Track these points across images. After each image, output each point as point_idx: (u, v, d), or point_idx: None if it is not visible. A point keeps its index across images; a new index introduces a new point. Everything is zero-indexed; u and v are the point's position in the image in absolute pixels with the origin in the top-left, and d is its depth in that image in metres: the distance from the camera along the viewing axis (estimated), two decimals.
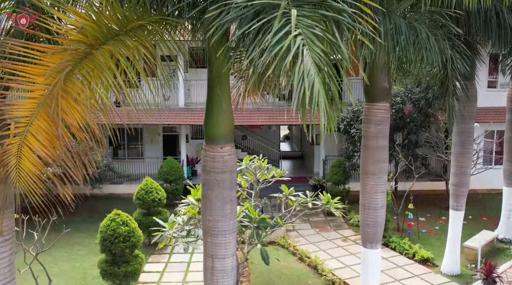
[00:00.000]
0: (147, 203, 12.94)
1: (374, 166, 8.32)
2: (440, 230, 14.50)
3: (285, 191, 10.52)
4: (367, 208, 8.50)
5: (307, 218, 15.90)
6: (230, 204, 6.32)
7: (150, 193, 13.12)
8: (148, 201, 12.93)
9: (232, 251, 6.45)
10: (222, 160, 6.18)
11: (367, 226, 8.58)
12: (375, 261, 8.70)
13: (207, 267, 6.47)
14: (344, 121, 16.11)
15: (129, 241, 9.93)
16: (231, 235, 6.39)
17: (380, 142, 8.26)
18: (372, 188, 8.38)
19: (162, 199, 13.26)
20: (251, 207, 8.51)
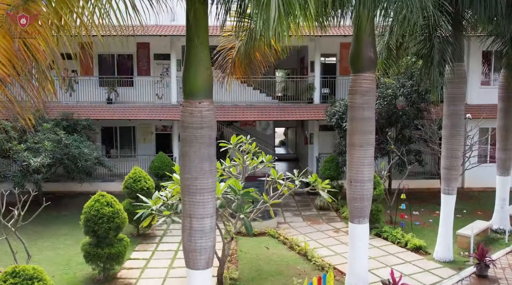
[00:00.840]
0: (135, 192, 12.74)
1: (360, 137, 8.19)
2: (434, 222, 14.26)
3: (273, 175, 10.35)
4: (354, 181, 8.33)
5: (299, 212, 15.69)
6: (209, 162, 6.18)
7: (138, 182, 12.95)
8: (136, 190, 12.74)
9: (211, 212, 6.28)
10: (200, 116, 6.07)
11: (354, 200, 8.40)
12: (362, 236, 8.49)
13: (185, 227, 6.29)
14: (336, 115, 16.01)
15: (113, 222, 9.72)
16: (210, 194, 6.23)
17: (366, 113, 8.14)
18: (359, 160, 8.23)
19: (150, 188, 13.07)
20: (236, 181, 8.35)
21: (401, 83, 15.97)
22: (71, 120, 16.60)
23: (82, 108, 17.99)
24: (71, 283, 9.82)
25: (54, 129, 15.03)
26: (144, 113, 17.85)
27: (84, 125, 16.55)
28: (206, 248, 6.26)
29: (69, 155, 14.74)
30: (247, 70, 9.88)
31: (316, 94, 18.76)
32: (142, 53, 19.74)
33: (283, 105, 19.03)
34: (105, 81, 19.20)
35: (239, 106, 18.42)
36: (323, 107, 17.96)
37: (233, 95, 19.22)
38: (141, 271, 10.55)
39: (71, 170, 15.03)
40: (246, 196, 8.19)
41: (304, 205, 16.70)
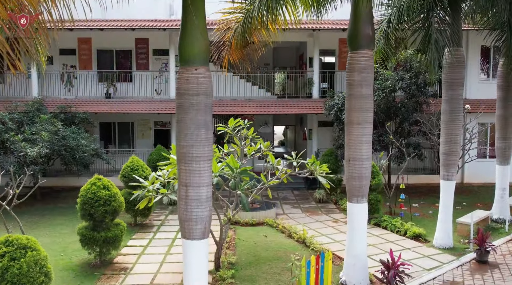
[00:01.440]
0: (132, 181, 12.63)
1: (358, 115, 8.14)
2: (434, 214, 14.16)
3: (271, 161, 10.28)
4: (352, 159, 8.26)
5: (298, 205, 15.59)
6: (205, 129, 6.12)
7: (135, 171, 12.87)
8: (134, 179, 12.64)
9: (207, 181, 6.21)
10: (197, 82, 6.02)
11: (353, 179, 8.32)
12: (360, 215, 8.41)
13: (181, 197, 6.21)
14: (335, 107, 15.98)
15: (109, 205, 9.63)
16: (206, 162, 6.16)
17: (364, 91, 8.10)
18: (357, 138, 8.17)
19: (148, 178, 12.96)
20: (233, 159, 8.28)
21: (399, 76, 15.95)
22: (69, 113, 16.55)
23: (80, 102, 17.96)
24: (67, 268, 9.70)
25: (52, 120, 14.97)
26: (142, 107, 17.81)
27: (82, 117, 16.50)
28: (202, 218, 6.18)
29: (66, 147, 14.67)
30: (244, 54, 9.85)
31: (315, 88, 18.74)
32: (141, 48, 19.74)
33: (282, 100, 19.01)
34: (104, 76, 19.18)
35: (237, 100, 18.40)
36: (322, 101, 17.93)
37: (232, 90, 19.21)
38: (138, 256, 10.44)
39: (68, 162, 14.95)
40: (244, 174, 8.12)
41: (303, 199, 16.60)
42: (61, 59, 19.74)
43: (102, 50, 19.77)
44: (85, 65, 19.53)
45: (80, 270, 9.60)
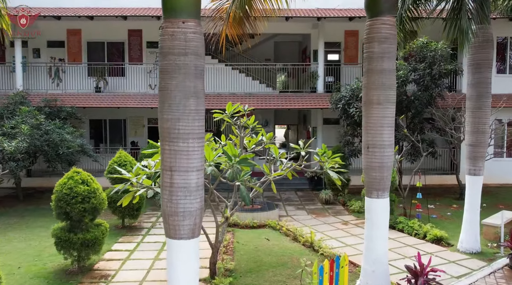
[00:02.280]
0: (120, 179, 11.32)
1: (379, 93, 6.87)
2: (453, 216, 12.88)
3: (275, 154, 9.00)
4: (372, 146, 6.99)
5: (302, 206, 14.29)
6: (195, 98, 4.85)
7: (123, 166, 11.56)
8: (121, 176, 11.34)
9: (198, 165, 4.93)
10: (184, 38, 4.76)
11: (372, 170, 7.04)
12: (381, 212, 7.11)
13: (165, 184, 4.93)
14: (342, 100, 14.71)
15: (88, 202, 8.34)
16: (196, 141, 4.89)
17: (386, 64, 6.84)
18: (377, 121, 6.90)
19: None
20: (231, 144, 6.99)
21: (412, 67, 14.72)
22: (54, 106, 15.30)
23: (67, 96, 16.71)
24: (39, 275, 8.38)
25: (34, 113, 13.69)
26: (134, 101, 16.56)
27: (68, 112, 15.23)
28: (191, 211, 4.89)
29: (49, 142, 13.38)
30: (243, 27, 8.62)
31: (320, 82, 17.51)
32: (134, 40, 18.54)
33: (284, 94, 17.77)
34: (94, 69, 17.93)
35: (237, 94, 17.16)
36: (327, 96, 16.70)
37: (231, 85, 17.99)
38: (122, 262, 9.12)
39: (51, 159, 13.65)
40: (244, 163, 6.83)
41: (307, 200, 15.30)
42: (49, 52, 18.53)
43: (92, 42, 18.57)
44: (74, 58, 18.30)
45: (54, 277, 8.28)
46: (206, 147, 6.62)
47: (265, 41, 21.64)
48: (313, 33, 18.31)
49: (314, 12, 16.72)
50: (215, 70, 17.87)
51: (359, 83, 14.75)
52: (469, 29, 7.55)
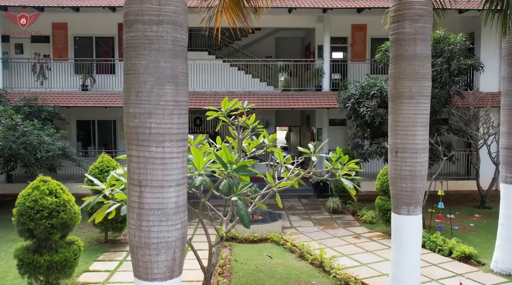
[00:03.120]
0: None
1: (411, 84, 5.52)
2: (477, 227, 11.50)
3: (279, 159, 7.62)
4: (402, 150, 5.63)
5: (308, 216, 12.89)
6: (174, 85, 3.49)
7: (106, 173, 10.17)
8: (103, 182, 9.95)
9: (179, 177, 3.56)
10: (158, 2, 3.39)
11: (402, 180, 5.68)
12: (413, 232, 5.76)
13: (132, 205, 3.56)
14: (351, 99, 13.34)
15: (57, 217, 6.96)
16: (176, 144, 3.52)
17: (420, 48, 5.50)
18: (409, 119, 5.55)
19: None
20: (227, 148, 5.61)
21: None
22: (34, 106, 13.93)
23: (50, 95, 15.33)
24: None
25: (9, 112, 12.32)
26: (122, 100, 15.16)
27: (50, 111, 13.85)
28: (168, 242, 3.52)
29: (27, 145, 12.00)
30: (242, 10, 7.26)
31: (326, 80, 16.14)
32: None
33: (287, 93, 16.40)
34: (81, 66, 16.53)
35: (235, 93, 15.79)
36: (334, 94, 15.34)
37: (229, 83, 16.63)
38: None
39: (29, 164, 12.26)
40: (242, 171, 5.43)
41: (313, 208, 13.92)
42: (32, 47, 17.17)
43: (80, 37, 17.22)
44: (60, 54, 16.93)
45: None
46: (195, 152, 5.25)
47: (266, 37, 20.31)
48: (318, 27, 16.96)
49: (319, 3, 15.39)
50: (212, 67, 16.51)
51: (370, 79, 13.40)
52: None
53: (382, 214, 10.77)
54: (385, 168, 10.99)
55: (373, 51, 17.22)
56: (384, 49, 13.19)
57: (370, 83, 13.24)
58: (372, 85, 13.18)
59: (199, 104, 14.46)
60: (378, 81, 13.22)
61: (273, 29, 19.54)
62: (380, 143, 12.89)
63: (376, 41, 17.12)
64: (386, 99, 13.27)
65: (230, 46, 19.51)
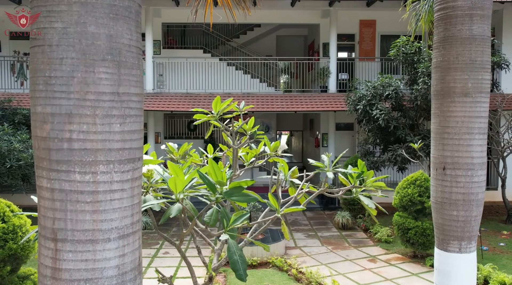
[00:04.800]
0: None
1: (465, 76, 4.07)
2: (509, 247, 10.04)
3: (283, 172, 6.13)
4: (452, 166, 4.17)
5: (314, 233, 11.41)
6: (115, 66, 2.03)
7: None
8: None
9: (124, 223, 2.11)
10: None
11: (452, 206, 4.22)
12: (465, 274, 4.28)
13: (43, 271, 2.07)
14: (363, 100, 11.88)
15: (3, 248, 5.49)
16: (119, 168, 2.06)
17: (478, 28, 4.06)
18: (463, 124, 4.10)
19: None
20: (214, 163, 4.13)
21: None
22: (8, 108, 12.48)
23: (28, 96, 13.85)
24: None
25: None
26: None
27: (25, 114, 12.38)
28: None
29: None
30: None
31: (332, 80, 14.70)
32: None
33: (289, 94, 14.95)
34: None
35: (232, 94, 14.34)
36: (341, 96, 13.90)
37: (226, 83, 15.20)
38: None
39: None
40: (236, 196, 3.95)
41: (319, 223, 12.43)
42: (12, 45, 15.74)
43: None
44: None
45: None
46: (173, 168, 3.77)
47: (266, 35, 18.89)
48: (323, 23, 15.55)
49: None
50: (207, 66, 15.07)
51: (383, 79, 11.95)
52: None
53: (402, 234, 9.30)
54: (405, 180, 9.53)
55: (383, 49, 15.81)
56: (400, 44, 11.76)
57: (384, 83, 11.80)
58: (386, 85, 11.74)
59: (192, 106, 13.01)
60: (393, 81, 11.78)
61: (274, 26, 18.14)
62: (395, 150, 11.43)
63: (386, 38, 15.73)
64: (401, 101, 11.87)
65: (227, 44, 18.10)
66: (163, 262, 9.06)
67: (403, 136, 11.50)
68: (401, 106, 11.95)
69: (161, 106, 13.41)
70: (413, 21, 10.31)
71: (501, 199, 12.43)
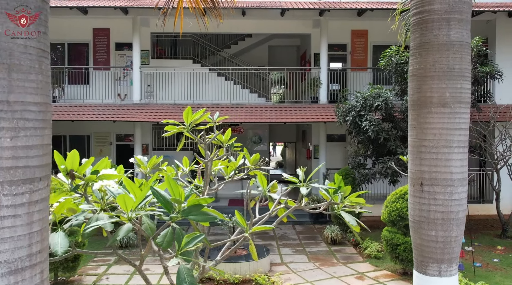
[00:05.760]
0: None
1: (443, 85, 3.78)
2: (503, 263, 9.67)
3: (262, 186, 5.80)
4: (430, 183, 3.86)
5: (302, 248, 11.04)
6: (5, 59, 1.70)
7: None
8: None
9: (28, 228, 1.76)
10: None
11: (430, 225, 3.89)
12: None
13: None
14: (352, 111, 11.59)
15: None
16: (9, 190, 1.70)
17: (455, 33, 3.78)
18: (441, 137, 3.79)
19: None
20: (170, 179, 3.80)
21: None
22: None
23: None
24: None
25: None
26: (95, 113, 13.44)
27: None
28: None
29: None
30: None
31: (323, 90, 14.43)
32: (100, 41, 15.52)
33: (280, 105, 14.68)
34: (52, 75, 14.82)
35: (221, 105, 14.07)
36: (332, 107, 13.63)
37: (215, 94, 14.92)
38: None
39: None
40: (194, 214, 3.60)
41: (308, 238, 12.06)
42: None
43: (51, 43, 15.45)
44: None
45: None
46: (128, 184, 3.45)
47: (258, 45, 18.69)
48: (314, 33, 15.33)
49: (316, 4, 13.78)
50: (197, 77, 14.82)
51: (373, 89, 11.68)
52: None
53: (390, 250, 8.93)
54: (393, 194, 9.19)
55: (375, 60, 15.57)
56: (390, 54, 11.52)
57: (373, 94, 11.52)
58: (375, 95, 11.46)
59: (180, 117, 12.72)
60: (383, 91, 11.51)
61: (266, 36, 17.94)
62: (385, 162, 11.12)
63: (378, 48, 15.49)
64: (391, 112, 11.59)
65: (218, 54, 17.88)
66: (141, 281, 8.67)
67: (393, 148, 11.19)
68: (392, 117, 11.67)
69: (147, 117, 13.12)
70: (403, 31, 10.07)
71: (496, 212, 12.10)
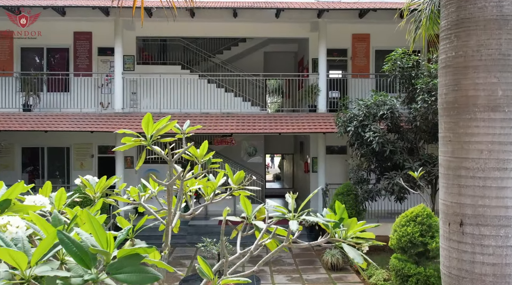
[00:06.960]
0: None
1: (493, 79, 2.58)
2: None
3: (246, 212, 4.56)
4: (473, 222, 2.64)
5: (298, 275, 9.77)
6: None
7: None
8: None
9: None
10: None
11: (475, 282, 2.65)
12: None
13: None
14: (354, 120, 10.41)
15: None
16: None
17: (510, 3, 2.58)
18: (490, 155, 2.58)
19: None
20: (98, 224, 2.58)
21: None
22: None
23: None
24: None
25: None
26: (71, 123, 12.26)
27: None
28: None
29: None
30: None
31: (322, 98, 13.28)
32: (81, 46, 14.41)
33: (275, 114, 13.57)
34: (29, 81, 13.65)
35: (210, 114, 12.91)
36: (332, 116, 12.45)
37: (205, 102, 13.76)
38: None
39: None
40: (127, 271, 2.34)
41: (306, 262, 10.80)
42: None
43: (28, 47, 14.42)
44: (3, 68, 14.10)
45: None
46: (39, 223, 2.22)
47: (253, 51, 17.55)
48: (312, 37, 14.22)
49: (313, 5, 12.70)
50: (185, 83, 13.66)
51: (377, 97, 10.52)
52: None
53: (400, 281, 7.68)
54: (403, 216, 7.96)
55: (378, 66, 14.42)
56: (395, 58, 10.39)
57: (378, 102, 10.35)
58: (380, 103, 10.30)
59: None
60: (388, 99, 10.34)
61: (261, 40, 16.82)
62: (392, 178, 9.91)
63: (381, 53, 14.33)
64: (398, 122, 10.43)
65: (210, 60, 16.75)
66: None
67: (401, 162, 9.99)
68: (398, 127, 10.49)
69: (129, 127, 11.92)
70: (412, 29, 8.93)
71: None
